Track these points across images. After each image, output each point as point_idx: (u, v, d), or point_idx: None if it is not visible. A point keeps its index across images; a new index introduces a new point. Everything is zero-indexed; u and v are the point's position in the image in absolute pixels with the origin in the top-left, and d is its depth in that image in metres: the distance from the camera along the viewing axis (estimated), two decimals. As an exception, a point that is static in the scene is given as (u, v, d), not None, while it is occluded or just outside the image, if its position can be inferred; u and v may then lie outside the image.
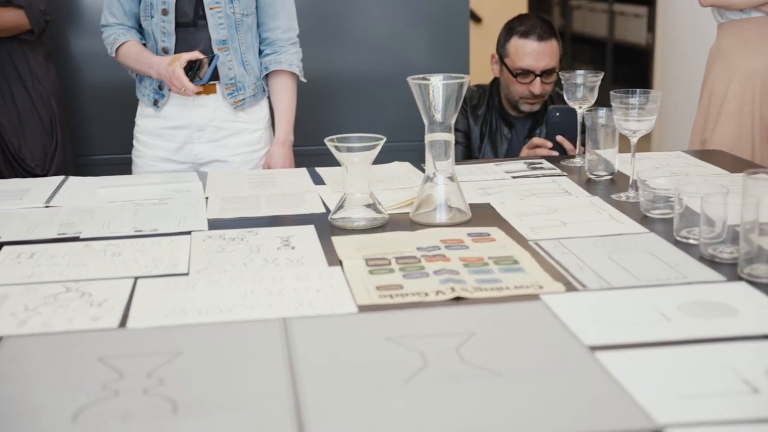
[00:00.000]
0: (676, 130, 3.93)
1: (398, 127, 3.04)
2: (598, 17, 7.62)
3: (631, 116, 1.69)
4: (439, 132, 1.57)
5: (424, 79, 1.54)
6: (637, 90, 1.70)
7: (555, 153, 2.24)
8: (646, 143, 4.46)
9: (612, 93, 1.70)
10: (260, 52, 2.31)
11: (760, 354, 1.00)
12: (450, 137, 1.58)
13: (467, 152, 2.58)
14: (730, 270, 1.29)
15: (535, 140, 2.27)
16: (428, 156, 1.59)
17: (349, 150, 1.54)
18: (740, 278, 1.26)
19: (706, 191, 1.40)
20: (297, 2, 2.44)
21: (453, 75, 1.55)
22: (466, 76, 1.55)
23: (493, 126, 2.58)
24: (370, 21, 3.15)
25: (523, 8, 5.58)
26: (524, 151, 2.30)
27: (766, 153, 2.31)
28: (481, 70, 2.84)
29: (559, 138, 2.23)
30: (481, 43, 4.93)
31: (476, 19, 5.50)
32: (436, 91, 1.54)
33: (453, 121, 1.57)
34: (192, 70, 2.14)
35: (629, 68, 7.27)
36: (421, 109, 1.55)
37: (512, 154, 2.53)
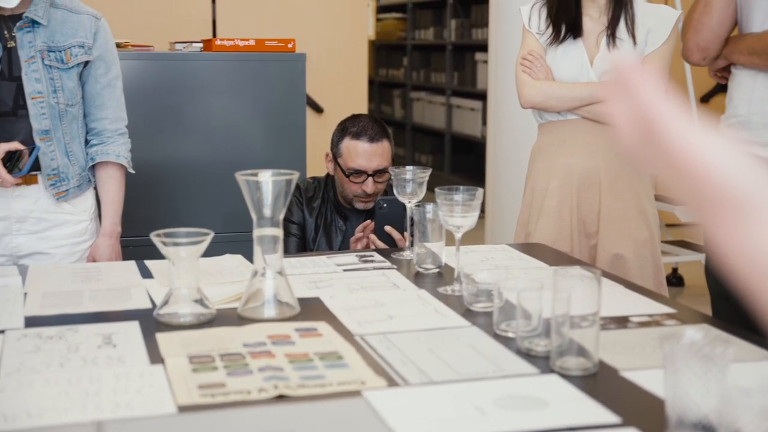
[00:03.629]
0: (508, 222, 4.09)
1: (236, 217, 3.03)
2: (436, 109, 7.93)
3: (456, 212, 1.75)
4: (268, 227, 1.58)
5: (253, 174, 1.55)
6: (461, 187, 1.77)
7: (382, 245, 2.29)
8: (479, 234, 4.62)
9: (437, 190, 1.76)
10: (87, 141, 2.27)
11: (565, 446, 1.05)
12: (279, 232, 1.59)
13: (302, 244, 2.60)
14: (544, 363, 1.35)
15: (358, 231, 2.32)
16: (257, 250, 1.60)
17: (176, 245, 1.52)
18: (552, 371, 1.31)
19: (523, 286, 1.46)
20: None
21: (282, 171, 1.57)
22: (295, 172, 1.58)
23: (328, 218, 2.62)
24: (208, 110, 3.15)
25: (364, 100, 5.73)
26: (352, 246, 2.35)
27: (584, 247, 2.44)
28: (322, 159, 2.89)
29: (388, 228, 2.28)
30: (323, 132, 5.01)
31: (318, 109, 5.60)
32: (265, 187, 1.56)
33: (281, 217, 1.58)
34: (11, 160, 2.07)
35: (466, 159, 7.56)
36: (250, 204, 1.56)
37: (347, 245, 2.57)
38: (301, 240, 2.59)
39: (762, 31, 2.23)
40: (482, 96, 6.70)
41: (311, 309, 1.63)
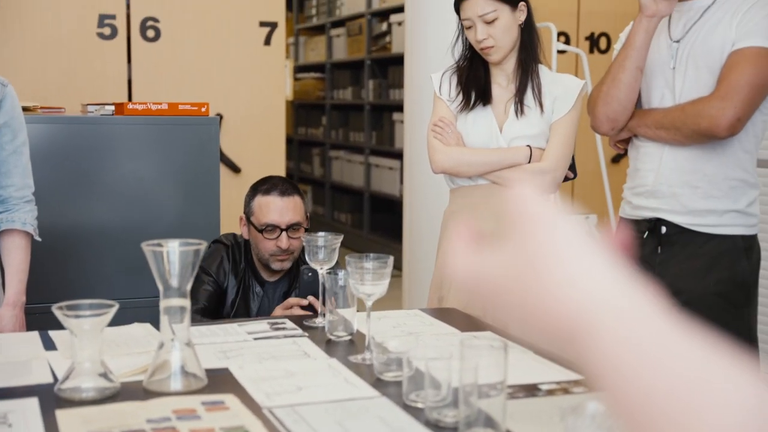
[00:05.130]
0: (426, 281, 4.11)
1: (148, 283, 2.97)
2: (355, 168, 7.97)
3: (366, 280, 1.75)
4: (175, 298, 1.56)
5: (159, 245, 1.53)
6: (371, 255, 1.78)
7: (309, 312, 2.27)
8: (397, 293, 4.62)
9: (347, 257, 1.76)
10: (-9, 209, 2.22)
11: None
12: (186, 303, 1.57)
13: (215, 299, 2.54)
14: (452, 434, 1.35)
15: (291, 300, 2.30)
16: (164, 320, 1.57)
17: (78, 317, 1.48)
18: (460, 442, 1.31)
19: (432, 354, 1.46)
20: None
21: (190, 241, 1.55)
22: (202, 242, 1.56)
23: (247, 282, 2.60)
24: (120, 175, 3.11)
25: (282, 159, 5.73)
26: (278, 311, 2.32)
27: (498, 310, 2.46)
28: (240, 219, 2.86)
29: (311, 299, 2.26)
30: (241, 192, 4.98)
31: (235, 169, 5.59)
32: (172, 257, 1.53)
33: (189, 287, 1.56)
34: None
35: (386, 218, 7.61)
36: (156, 275, 1.54)
37: (263, 312, 2.54)
38: (214, 294, 2.53)
39: (660, 105, 2.33)
40: (400, 155, 6.77)
41: (219, 380, 1.60)
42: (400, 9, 6.50)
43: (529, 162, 2.43)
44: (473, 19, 2.45)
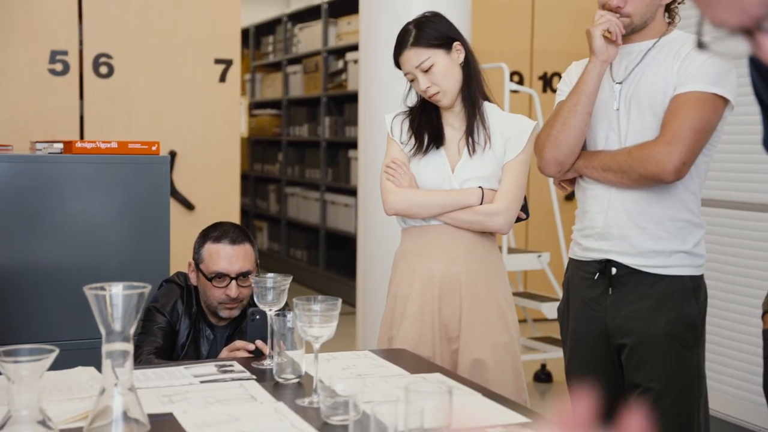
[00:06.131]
0: (379, 319, 4.10)
1: (96, 323, 2.92)
2: (311, 205, 7.96)
3: (314, 323, 1.74)
4: (118, 342, 1.53)
5: (102, 288, 1.50)
6: (319, 296, 1.77)
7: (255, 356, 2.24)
8: (350, 330, 4.60)
9: (295, 300, 1.75)
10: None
11: None
12: (129, 347, 1.54)
13: (169, 337, 2.49)
14: (398, 480, 1.33)
15: (237, 344, 2.26)
16: (106, 364, 1.54)
17: (16, 362, 1.45)
18: (405, 489, 1.30)
19: (378, 398, 1.46)
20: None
21: (134, 284, 1.53)
22: (147, 285, 1.54)
23: (198, 326, 2.56)
24: (67, 214, 3.05)
25: (236, 197, 5.70)
26: (224, 353, 2.28)
27: (446, 351, 2.46)
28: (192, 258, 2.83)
29: (259, 344, 2.21)
30: (194, 230, 4.93)
31: (189, 206, 5.55)
32: (115, 300, 1.51)
33: (132, 331, 1.54)
34: None
35: (341, 254, 7.59)
36: (98, 318, 1.51)
37: (213, 356, 2.50)
38: (168, 334, 2.49)
39: (606, 147, 2.35)
40: (356, 192, 6.77)
41: (163, 426, 1.58)
42: (356, 47, 6.54)
43: (482, 203, 2.44)
44: (413, 72, 2.47)
